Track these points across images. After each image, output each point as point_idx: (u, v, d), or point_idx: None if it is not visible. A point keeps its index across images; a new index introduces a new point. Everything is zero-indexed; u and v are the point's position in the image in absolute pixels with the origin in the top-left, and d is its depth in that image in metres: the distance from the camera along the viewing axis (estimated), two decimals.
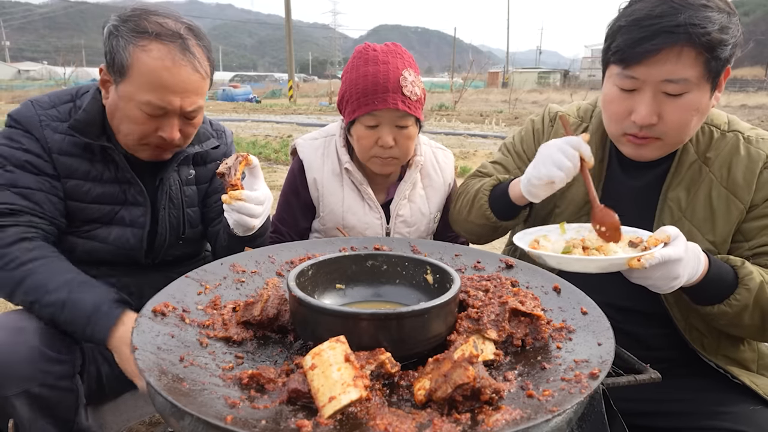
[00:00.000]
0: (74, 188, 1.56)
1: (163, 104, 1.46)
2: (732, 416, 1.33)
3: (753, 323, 1.32)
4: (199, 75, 1.51)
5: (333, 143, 1.92)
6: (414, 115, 1.73)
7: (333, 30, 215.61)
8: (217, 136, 1.82)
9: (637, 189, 1.48)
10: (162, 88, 1.44)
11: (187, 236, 1.77)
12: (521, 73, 58.45)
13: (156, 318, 1.00)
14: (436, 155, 2.02)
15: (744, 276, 1.30)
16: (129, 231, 1.65)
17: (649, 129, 1.36)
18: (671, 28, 1.25)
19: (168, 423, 0.82)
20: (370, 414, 0.77)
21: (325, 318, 0.90)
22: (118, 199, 1.62)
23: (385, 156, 1.77)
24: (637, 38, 1.29)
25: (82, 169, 1.56)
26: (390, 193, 1.93)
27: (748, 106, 22.91)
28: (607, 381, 1.00)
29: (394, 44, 1.80)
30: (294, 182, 1.94)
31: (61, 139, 1.53)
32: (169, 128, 1.51)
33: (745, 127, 1.49)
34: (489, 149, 10.54)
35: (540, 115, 1.77)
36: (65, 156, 1.54)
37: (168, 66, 1.44)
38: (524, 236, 1.39)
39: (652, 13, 1.27)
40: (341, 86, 1.83)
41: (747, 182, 1.41)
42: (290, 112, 22.96)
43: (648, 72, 1.30)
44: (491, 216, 1.59)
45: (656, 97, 1.32)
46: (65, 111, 1.57)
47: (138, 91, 1.44)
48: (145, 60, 1.43)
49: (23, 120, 1.53)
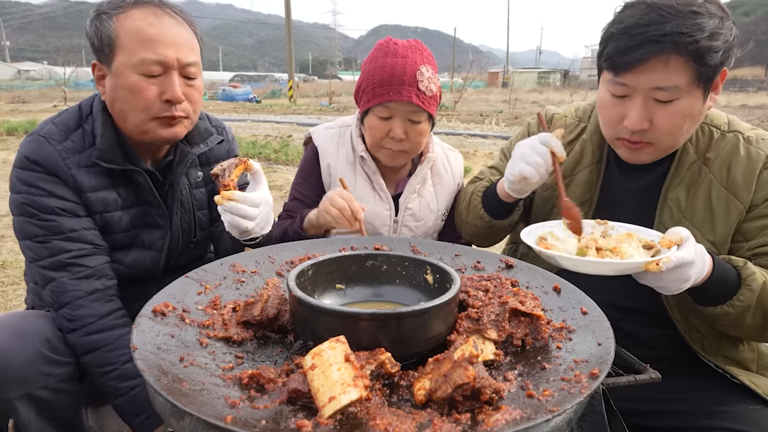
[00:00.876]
0: (108, 221, 1.53)
1: (158, 57, 1.42)
2: (732, 416, 1.33)
3: (755, 323, 1.32)
4: (186, 30, 1.49)
5: (348, 133, 1.94)
6: (427, 111, 1.74)
7: (333, 30, 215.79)
8: (218, 132, 1.80)
9: (636, 190, 1.49)
10: (152, 41, 1.42)
11: (198, 239, 1.76)
12: (521, 73, 58.45)
13: (156, 318, 1.00)
14: (447, 156, 2.05)
15: (747, 276, 1.30)
16: (147, 254, 1.62)
17: (641, 134, 1.37)
18: (658, 37, 1.25)
19: (168, 423, 0.82)
20: (370, 414, 0.77)
21: (325, 318, 0.90)
22: (139, 221, 1.59)
23: (395, 148, 1.79)
24: (625, 47, 1.29)
25: (111, 199, 1.52)
26: (400, 187, 1.96)
27: (748, 106, 22.90)
28: (607, 381, 1.00)
29: (416, 41, 1.82)
30: (307, 169, 1.95)
31: (87, 174, 1.48)
32: (171, 87, 1.45)
33: (745, 128, 1.49)
34: (489, 149, 10.54)
35: (536, 118, 1.78)
36: (95, 192, 1.49)
37: (152, 21, 1.44)
38: (531, 232, 1.40)
39: (640, 22, 1.27)
40: (360, 76, 1.85)
41: (746, 182, 1.41)
42: (290, 112, 22.97)
43: (637, 79, 1.31)
44: (485, 215, 1.63)
45: (647, 103, 1.33)
46: (79, 140, 1.49)
47: (130, 56, 1.42)
48: (129, 24, 1.42)
49: (44, 162, 1.43)
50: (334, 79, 63.83)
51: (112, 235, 1.54)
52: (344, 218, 1.65)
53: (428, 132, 1.84)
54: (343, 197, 1.68)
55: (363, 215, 1.68)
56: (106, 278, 1.49)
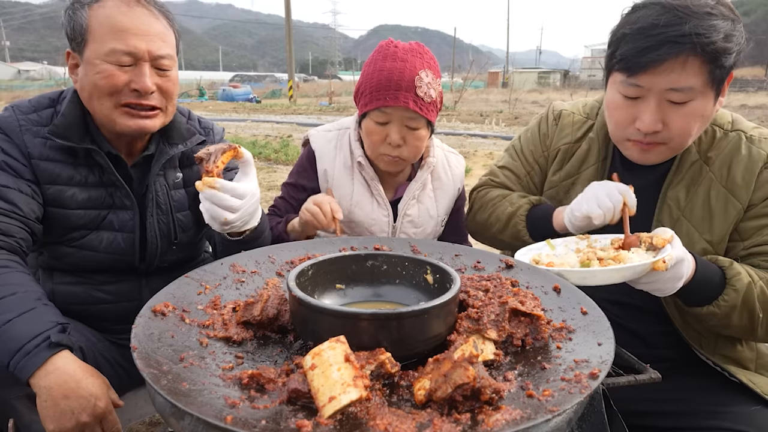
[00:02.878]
0: (57, 194, 1.51)
1: (127, 48, 1.42)
2: (732, 416, 1.33)
3: (741, 324, 1.32)
4: (159, 22, 1.49)
5: (347, 136, 1.91)
6: (425, 117, 1.70)
7: (333, 30, 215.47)
8: (204, 134, 1.77)
9: (638, 188, 1.49)
10: (122, 31, 1.42)
11: (180, 241, 1.71)
12: (521, 73, 58.44)
13: (156, 318, 1.00)
14: (448, 159, 2.00)
15: (732, 277, 1.31)
16: (119, 236, 1.60)
17: (653, 135, 1.37)
18: (676, 38, 1.24)
19: (168, 423, 0.82)
20: (370, 414, 0.77)
21: (325, 318, 0.90)
22: (104, 203, 1.58)
23: (393, 154, 1.76)
24: (641, 47, 1.28)
25: (65, 175, 1.52)
26: (399, 192, 1.92)
27: (748, 106, 22.89)
28: (607, 381, 1.01)
29: (417, 44, 1.78)
30: (302, 171, 1.93)
31: (42, 144, 1.49)
32: (140, 77, 1.44)
33: (749, 126, 1.49)
34: (489, 149, 10.54)
35: (545, 115, 1.77)
36: (46, 161, 1.50)
37: (124, 11, 1.43)
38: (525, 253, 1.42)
39: (657, 22, 1.27)
40: (359, 78, 1.82)
41: (746, 182, 1.41)
42: (290, 112, 22.97)
43: (653, 81, 1.30)
44: (528, 239, 1.62)
45: (661, 105, 1.32)
46: (46, 116, 1.53)
47: (101, 45, 1.42)
48: (101, 13, 1.43)
49: (2, 124, 1.49)
50: (334, 79, 63.82)
51: (65, 210, 1.53)
52: (321, 214, 1.64)
53: (426, 138, 1.80)
54: (326, 197, 1.69)
55: (341, 215, 1.68)
56: (3, 235, 1.39)
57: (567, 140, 1.67)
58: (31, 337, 1.18)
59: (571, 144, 1.66)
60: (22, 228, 1.43)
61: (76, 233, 1.57)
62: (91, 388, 1.17)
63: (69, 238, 1.57)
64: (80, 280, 1.62)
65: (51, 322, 1.23)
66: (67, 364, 1.17)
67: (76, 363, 1.19)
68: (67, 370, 1.16)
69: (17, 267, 1.34)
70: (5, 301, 1.24)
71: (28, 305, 1.24)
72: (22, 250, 1.42)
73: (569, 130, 1.67)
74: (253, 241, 1.53)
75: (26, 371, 1.16)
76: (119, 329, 1.67)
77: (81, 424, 1.15)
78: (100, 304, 1.64)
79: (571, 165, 1.65)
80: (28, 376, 1.16)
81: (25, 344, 1.17)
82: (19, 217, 1.42)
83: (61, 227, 1.54)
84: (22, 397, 1.34)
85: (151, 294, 1.11)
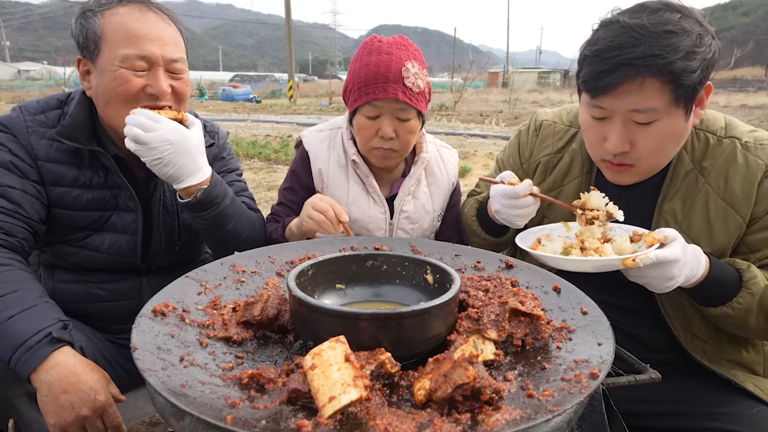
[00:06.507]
0: (61, 195, 1.53)
1: (142, 53, 1.44)
2: (732, 417, 1.32)
3: (759, 326, 1.32)
4: (171, 28, 1.52)
5: (339, 135, 1.91)
6: (415, 107, 1.71)
7: (333, 30, 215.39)
8: (211, 137, 1.81)
9: (630, 201, 1.44)
10: (136, 37, 1.44)
11: (183, 242, 1.75)
12: (521, 73, 58.42)
13: (156, 318, 1.00)
14: (441, 153, 2.01)
15: (748, 280, 1.30)
16: (122, 237, 1.62)
17: (623, 156, 1.36)
18: (630, 61, 1.22)
19: (168, 423, 0.82)
20: (370, 414, 0.77)
21: (325, 318, 0.90)
22: (108, 204, 1.59)
23: (386, 147, 1.76)
24: (598, 71, 1.27)
25: (70, 176, 1.53)
26: (394, 188, 1.93)
27: (748, 106, 22.90)
28: (607, 381, 1.00)
29: (401, 37, 1.79)
30: (297, 173, 1.92)
31: (48, 146, 1.51)
32: (156, 81, 1.47)
33: (743, 131, 1.44)
34: (489, 149, 10.54)
35: (527, 126, 1.78)
36: (51, 163, 1.51)
37: (137, 17, 1.46)
38: (527, 236, 1.44)
39: (613, 44, 1.25)
40: (346, 77, 1.82)
41: (746, 194, 1.37)
42: (290, 112, 22.96)
43: (613, 103, 1.29)
44: (489, 237, 1.70)
45: (626, 125, 1.31)
46: (54, 117, 1.55)
47: (115, 51, 1.44)
48: (114, 20, 1.45)
49: (10, 125, 1.51)
50: (334, 79, 63.77)
51: (69, 211, 1.54)
52: (328, 221, 1.63)
53: (418, 130, 1.80)
54: (325, 200, 1.66)
55: (347, 216, 1.66)
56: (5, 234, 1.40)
57: (548, 151, 1.66)
58: (32, 333, 1.19)
59: (552, 155, 1.65)
60: (25, 228, 1.45)
61: (80, 234, 1.58)
62: (91, 382, 1.18)
63: (72, 239, 1.58)
64: (81, 278, 1.63)
65: (53, 318, 1.24)
66: (68, 360, 1.19)
67: (76, 358, 1.21)
68: (68, 365, 1.18)
69: (19, 265, 1.36)
70: (7, 298, 1.25)
71: (30, 302, 1.26)
72: (24, 249, 1.44)
73: (550, 141, 1.66)
74: (207, 207, 1.53)
75: (27, 367, 1.17)
76: (119, 329, 1.67)
77: (81, 418, 1.17)
78: (100, 302, 1.65)
79: (553, 178, 1.63)
80: (29, 372, 1.17)
81: (27, 340, 1.18)
82: (22, 218, 1.44)
83: (64, 228, 1.56)
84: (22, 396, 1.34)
85: (151, 293, 1.12)
